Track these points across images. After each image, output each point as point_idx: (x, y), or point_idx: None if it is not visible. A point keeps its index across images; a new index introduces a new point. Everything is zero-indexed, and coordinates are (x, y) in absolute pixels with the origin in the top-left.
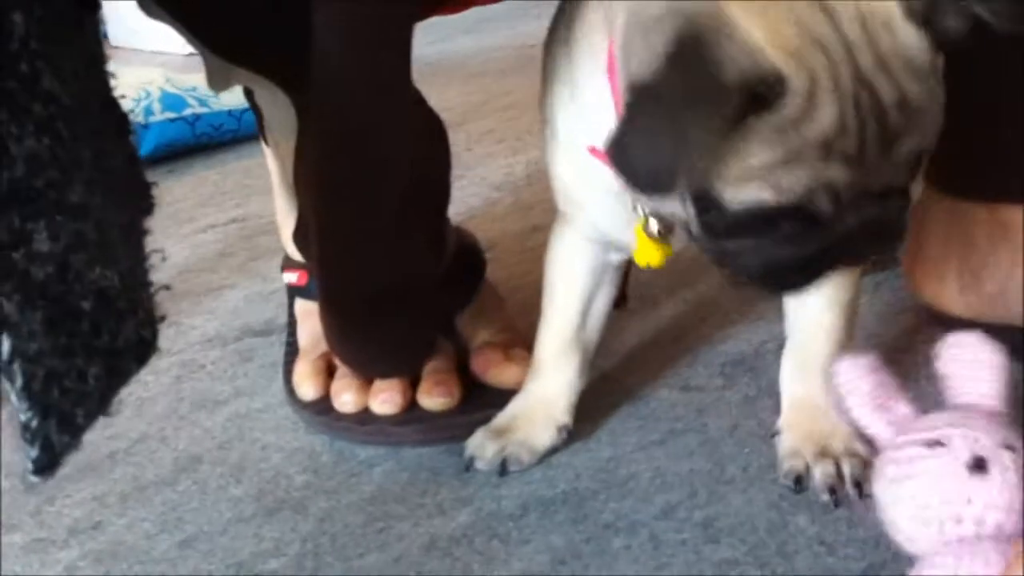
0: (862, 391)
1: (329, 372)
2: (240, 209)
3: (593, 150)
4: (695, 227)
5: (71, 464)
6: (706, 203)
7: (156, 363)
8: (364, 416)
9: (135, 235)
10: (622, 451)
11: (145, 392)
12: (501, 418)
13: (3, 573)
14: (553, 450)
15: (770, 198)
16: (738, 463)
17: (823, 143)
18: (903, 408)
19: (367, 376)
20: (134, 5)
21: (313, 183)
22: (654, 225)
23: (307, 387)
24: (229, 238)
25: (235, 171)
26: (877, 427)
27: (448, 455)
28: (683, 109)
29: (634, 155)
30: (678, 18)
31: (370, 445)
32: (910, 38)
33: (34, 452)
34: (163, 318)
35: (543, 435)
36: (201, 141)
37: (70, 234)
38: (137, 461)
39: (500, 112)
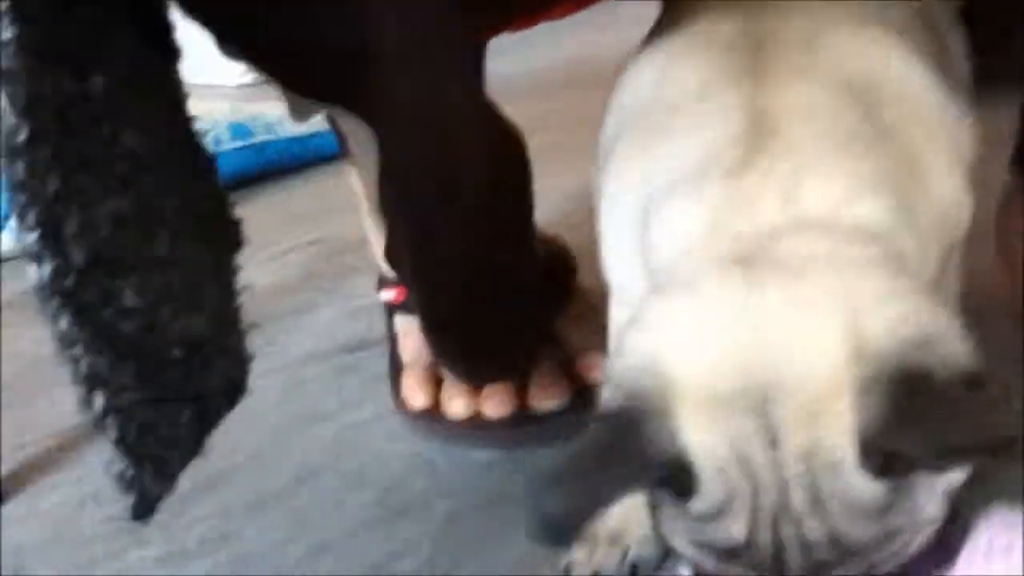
0: None
1: (436, 382)
2: (318, 231)
3: None
4: None
5: (191, 480)
6: None
7: (261, 381)
8: (477, 421)
9: (224, 274)
10: None
11: (253, 409)
12: (605, 526)
13: None
14: None
15: (687, 572)
16: None
17: (728, 551)
18: None
19: (475, 383)
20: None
21: (394, 207)
22: None
23: (417, 397)
24: (311, 260)
25: (305, 195)
26: None
27: (562, 454)
28: (601, 463)
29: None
30: (634, 384)
31: (484, 449)
32: (858, 484)
33: (132, 500)
34: (251, 358)
35: None
36: (268, 168)
37: (157, 287)
38: (256, 474)
39: (560, 127)
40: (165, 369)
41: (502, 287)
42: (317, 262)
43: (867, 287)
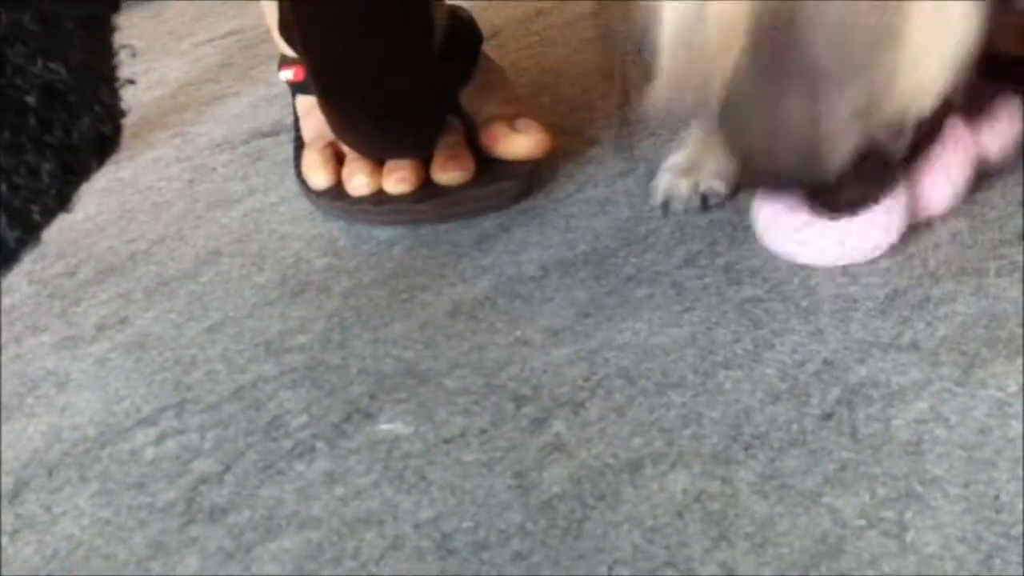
0: None
1: (338, 159)
2: (236, 21)
3: None
4: None
5: (92, 268)
6: None
7: (167, 170)
8: (379, 197)
9: (97, 29)
10: (640, 211)
11: (159, 197)
12: (679, 159)
13: (34, 370)
14: None
15: None
16: None
17: None
18: None
19: (377, 158)
20: None
21: None
22: None
23: (318, 176)
24: (226, 50)
25: None
26: None
27: (465, 229)
28: None
29: None
30: None
31: (387, 226)
32: None
33: None
34: (124, 112)
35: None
36: None
37: (4, 25)
38: (158, 259)
39: None
40: (20, 114)
41: (398, 52)
42: (233, 52)
43: None
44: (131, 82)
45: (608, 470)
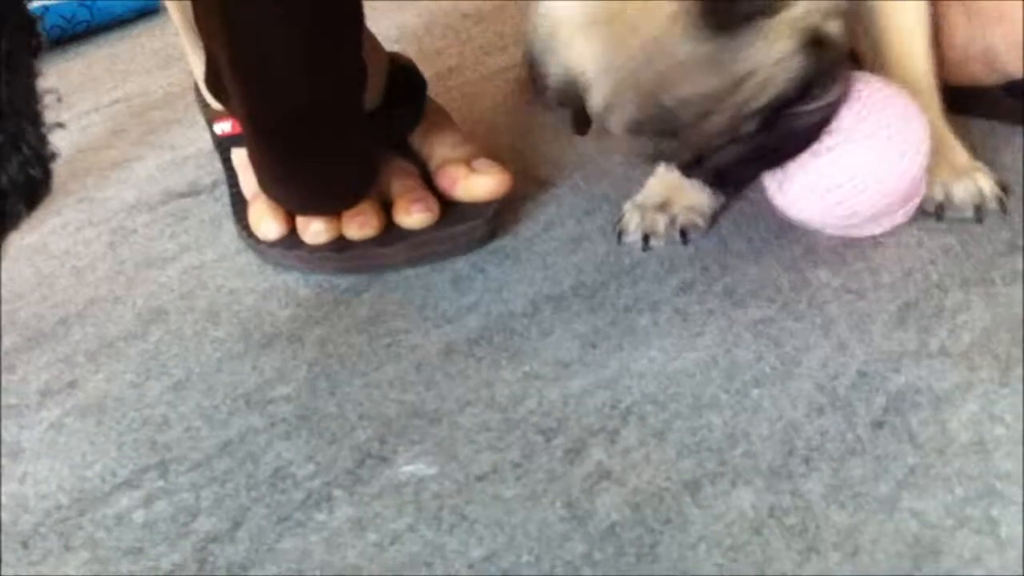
0: None
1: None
2: (118, 91)
3: None
4: None
5: (17, 335)
6: None
7: (80, 234)
8: (341, 243)
9: (19, 69)
10: (617, 245)
11: (78, 262)
12: (651, 195)
13: None
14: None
15: None
16: (740, 238)
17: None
18: None
19: (310, 214)
20: None
21: (217, 20)
22: None
23: (268, 226)
24: (116, 117)
25: (100, 59)
26: None
27: (435, 272)
28: None
29: None
30: None
31: (350, 273)
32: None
33: None
34: (54, 156)
35: (703, 197)
36: (52, 35)
37: None
38: (94, 322)
39: None
40: None
41: (331, 104)
42: (122, 120)
43: None
44: (60, 126)
45: (665, 493)
